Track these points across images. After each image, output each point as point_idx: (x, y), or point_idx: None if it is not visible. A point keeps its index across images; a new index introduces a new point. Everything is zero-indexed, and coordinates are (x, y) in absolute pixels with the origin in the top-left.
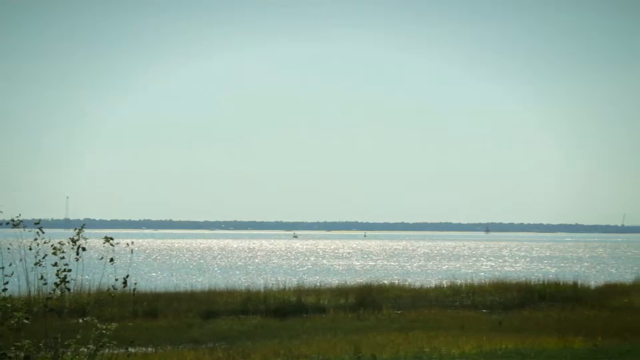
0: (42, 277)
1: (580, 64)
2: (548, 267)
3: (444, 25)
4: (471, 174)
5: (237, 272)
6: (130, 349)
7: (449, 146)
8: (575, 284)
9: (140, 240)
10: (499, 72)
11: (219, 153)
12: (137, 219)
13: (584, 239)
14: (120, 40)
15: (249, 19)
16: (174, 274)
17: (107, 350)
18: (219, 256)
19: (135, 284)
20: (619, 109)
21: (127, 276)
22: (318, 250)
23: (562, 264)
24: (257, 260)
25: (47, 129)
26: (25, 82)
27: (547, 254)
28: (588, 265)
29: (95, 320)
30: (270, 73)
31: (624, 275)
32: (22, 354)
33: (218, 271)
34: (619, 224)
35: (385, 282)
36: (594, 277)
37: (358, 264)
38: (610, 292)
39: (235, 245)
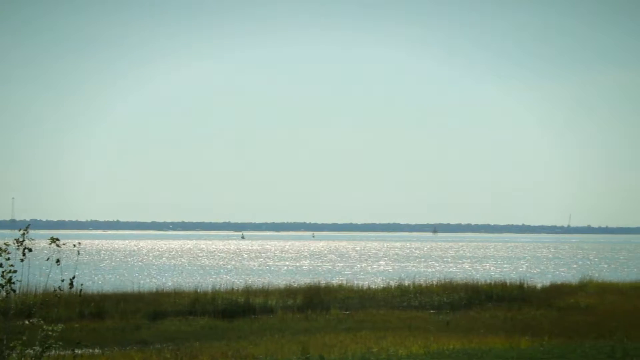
0: None
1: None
2: (493, 267)
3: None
4: (420, 175)
5: (185, 273)
6: (76, 351)
7: (398, 148)
8: (521, 284)
9: (88, 241)
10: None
11: (168, 153)
12: (84, 219)
13: (530, 240)
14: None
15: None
16: (120, 274)
17: (53, 351)
18: (166, 257)
19: (82, 285)
20: (565, 110)
21: (74, 277)
22: (265, 250)
23: (507, 264)
24: (205, 262)
25: None
26: None
27: (493, 254)
28: (532, 266)
29: (42, 322)
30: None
31: (569, 275)
32: None
33: (166, 272)
34: (565, 225)
35: (333, 282)
36: (539, 277)
37: (306, 264)
38: (556, 292)
39: (183, 246)
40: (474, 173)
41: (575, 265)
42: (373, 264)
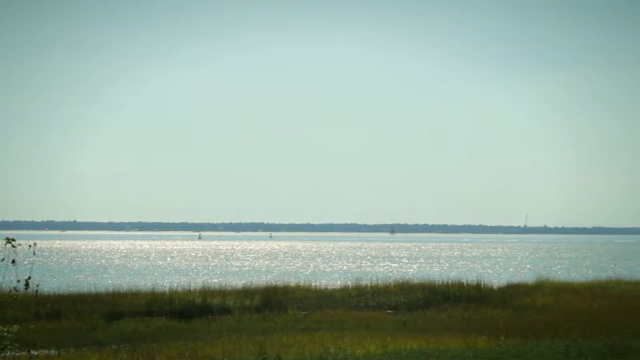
0: None
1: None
2: (451, 268)
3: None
4: (378, 176)
5: (141, 273)
6: (32, 352)
7: (356, 148)
8: (478, 284)
9: (44, 242)
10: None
11: (125, 153)
12: (40, 220)
13: (485, 240)
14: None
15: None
16: (77, 275)
17: (9, 352)
18: (122, 257)
19: (38, 285)
20: (524, 110)
21: (29, 278)
22: (223, 251)
23: (461, 264)
24: (161, 262)
25: None
26: None
27: (450, 254)
28: (489, 266)
29: None
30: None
31: (525, 275)
32: None
33: (122, 272)
34: (522, 225)
35: (291, 283)
36: (496, 277)
37: (263, 265)
38: (512, 292)
39: (140, 247)
40: (431, 174)
41: (529, 265)
42: (330, 264)
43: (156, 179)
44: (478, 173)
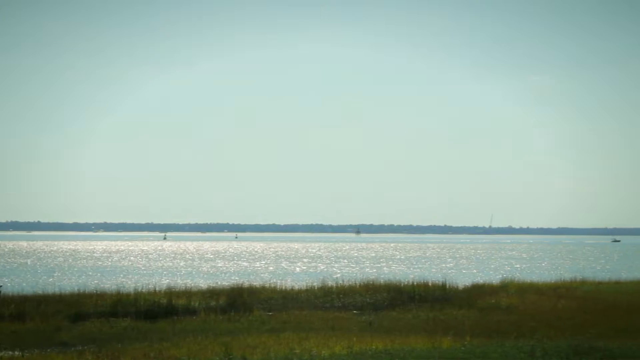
0: None
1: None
2: (414, 268)
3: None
4: (343, 176)
5: (106, 274)
6: None
7: (320, 149)
8: (444, 285)
9: (8, 243)
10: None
11: (88, 153)
12: (4, 220)
13: (451, 240)
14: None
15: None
16: (41, 275)
17: None
18: (87, 258)
19: (1, 286)
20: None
21: None
22: (189, 252)
23: (428, 265)
24: (124, 263)
25: None
26: None
27: (416, 254)
28: (453, 266)
29: None
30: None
31: (490, 275)
32: None
33: (88, 273)
34: (487, 226)
35: (256, 283)
36: (461, 277)
37: (229, 265)
38: (478, 293)
39: (106, 248)
40: (397, 174)
41: (494, 266)
42: (296, 265)
43: (122, 179)
44: (443, 174)
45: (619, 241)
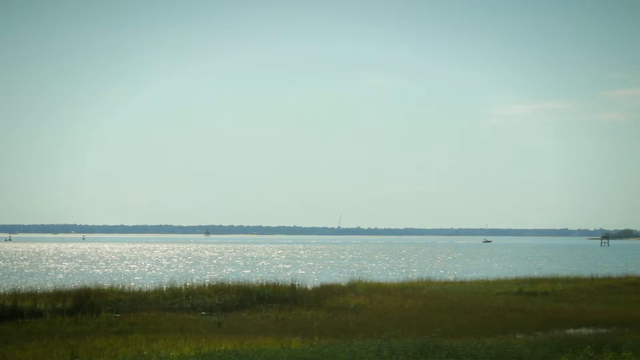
0: None
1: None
2: (267, 269)
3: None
4: (194, 176)
5: None
6: None
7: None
8: (293, 286)
9: None
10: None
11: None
12: None
13: (302, 241)
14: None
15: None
16: None
17: None
18: None
19: None
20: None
21: None
22: (37, 253)
23: (279, 265)
24: None
25: None
26: None
27: (265, 255)
28: (299, 266)
29: None
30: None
31: (339, 276)
32: None
33: None
34: (336, 226)
35: (104, 285)
36: (310, 278)
37: (78, 267)
38: (326, 293)
39: None
40: (245, 175)
41: (342, 266)
42: (143, 266)
43: None
44: (293, 174)
45: (490, 242)
